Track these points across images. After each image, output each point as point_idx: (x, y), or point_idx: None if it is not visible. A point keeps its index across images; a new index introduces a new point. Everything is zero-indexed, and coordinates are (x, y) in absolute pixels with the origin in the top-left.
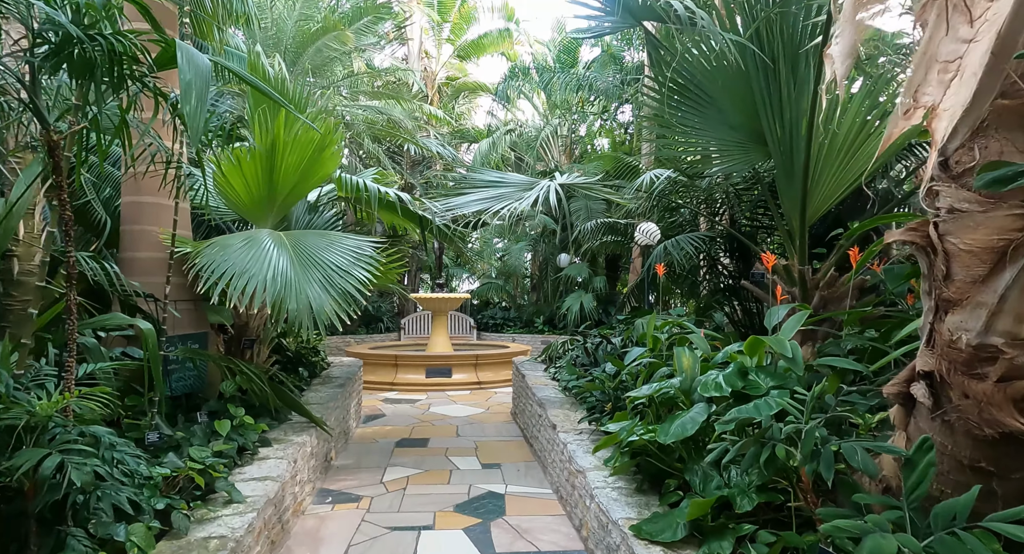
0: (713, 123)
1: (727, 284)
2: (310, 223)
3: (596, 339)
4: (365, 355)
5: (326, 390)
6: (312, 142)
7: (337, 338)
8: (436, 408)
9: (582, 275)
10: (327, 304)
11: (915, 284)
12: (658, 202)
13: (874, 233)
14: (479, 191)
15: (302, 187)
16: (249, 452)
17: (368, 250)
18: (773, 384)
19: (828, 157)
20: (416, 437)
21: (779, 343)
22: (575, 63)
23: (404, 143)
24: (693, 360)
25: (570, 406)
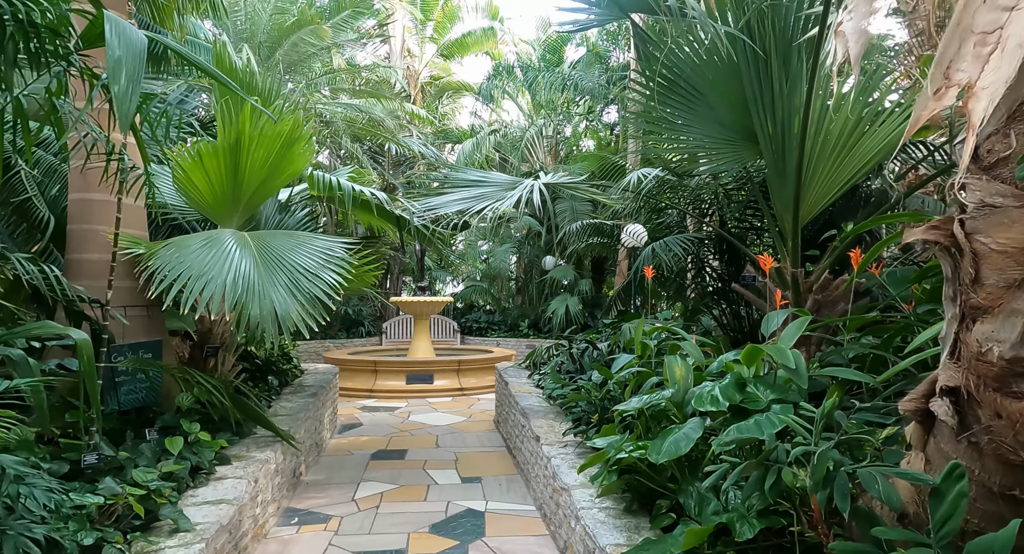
0: (702, 120)
1: (716, 287)
2: (281, 223)
3: (582, 344)
4: (343, 361)
5: (297, 400)
6: (279, 137)
7: (316, 343)
8: (416, 416)
9: (568, 278)
10: (293, 309)
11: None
12: (645, 203)
13: (868, 235)
14: (460, 191)
15: (270, 185)
16: (204, 472)
17: (339, 251)
18: (774, 397)
19: (821, 156)
20: (393, 448)
21: (780, 353)
22: (560, 62)
23: (385, 143)
24: (685, 370)
25: (555, 416)
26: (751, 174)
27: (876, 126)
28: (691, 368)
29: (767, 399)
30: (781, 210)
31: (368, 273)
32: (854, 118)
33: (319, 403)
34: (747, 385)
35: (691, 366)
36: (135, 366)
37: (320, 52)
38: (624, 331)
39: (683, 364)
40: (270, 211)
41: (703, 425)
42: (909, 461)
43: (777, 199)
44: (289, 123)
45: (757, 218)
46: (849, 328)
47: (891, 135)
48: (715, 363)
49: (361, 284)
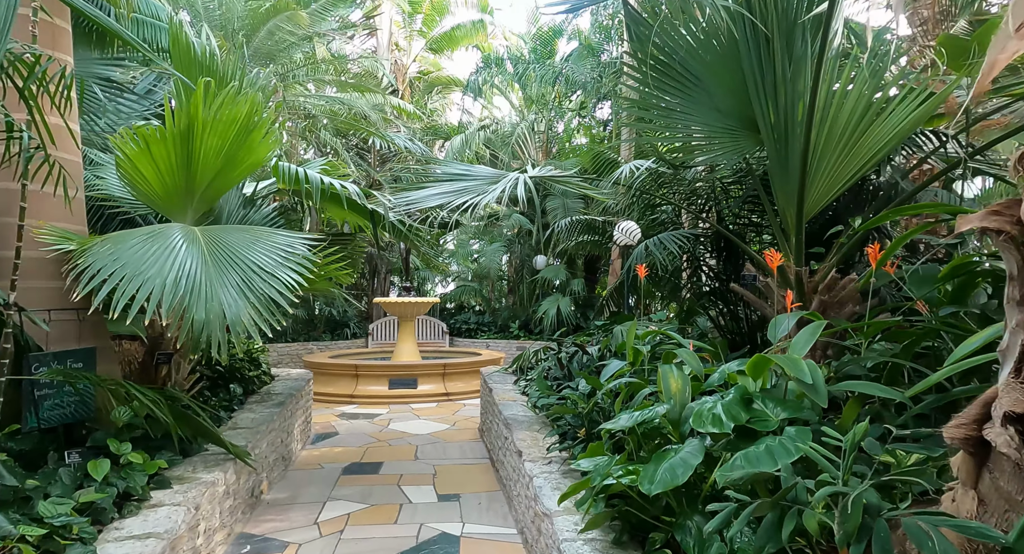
0: (700, 107)
1: (713, 287)
2: (245, 219)
3: (571, 348)
4: (323, 365)
5: (262, 410)
6: (235, 122)
7: (298, 345)
8: (397, 424)
9: (559, 277)
10: (245, 312)
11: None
12: (638, 198)
13: (876, 232)
14: (441, 185)
15: (229, 176)
16: (136, 499)
17: (300, 248)
18: (785, 415)
19: (827, 145)
20: (368, 461)
21: (793, 364)
22: (552, 55)
23: (370, 138)
24: (682, 382)
25: (540, 427)
26: (751, 166)
27: (887, 113)
28: (688, 380)
29: (777, 418)
30: (783, 204)
31: (341, 273)
32: (863, 104)
33: (287, 413)
34: (754, 401)
35: (688, 377)
36: (61, 377)
37: (301, 42)
38: (615, 334)
39: (679, 375)
40: (233, 206)
41: (703, 448)
42: (955, 498)
43: (779, 192)
44: (246, 106)
45: (756, 214)
46: (867, 333)
47: (904, 122)
48: (716, 374)
49: (326, 285)
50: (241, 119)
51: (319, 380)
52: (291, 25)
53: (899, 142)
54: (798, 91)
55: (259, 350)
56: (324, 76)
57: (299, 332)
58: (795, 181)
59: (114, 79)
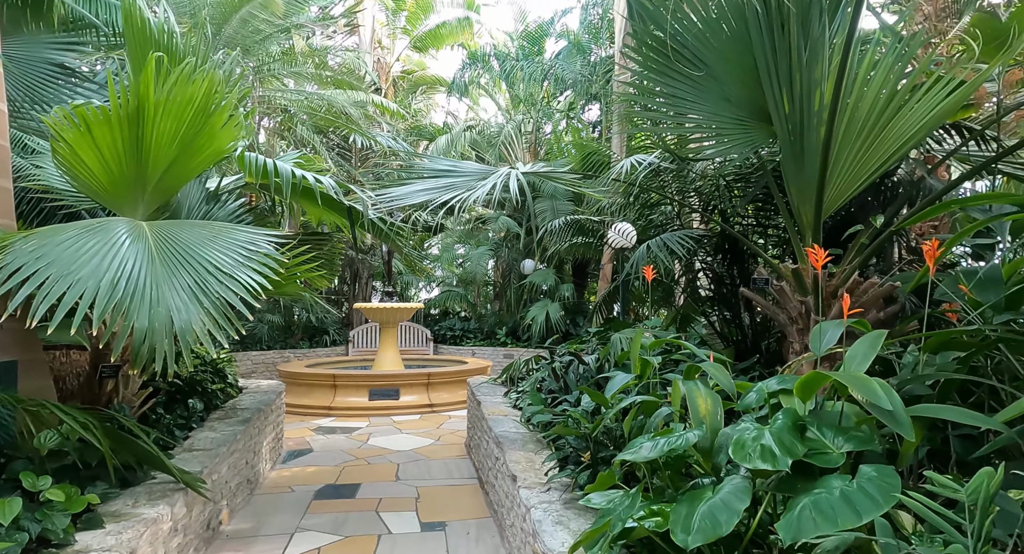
0: (707, 95)
1: (716, 291)
2: (208, 215)
3: (566, 357)
4: (299, 375)
5: (224, 429)
6: (191, 103)
7: (274, 353)
8: (377, 439)
9: (548, 282)
10: (196, 318)
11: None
12: (636, 197)
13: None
14: (426, 181)
15: (186, 166)
16: (55, 545)
17: (264, 246)
18: (850, 447)
19: (847, 137)
20: (344, 482)
21: (862, 385)
22: (540, 53)
23: (351, 134)
24: (713, 403)
25: (535, 446)
26: (763, 160)
27: (915, 101)
28: (719, 400)
29: (840, 450)
30: (798, 202)
31: (313, 274)
32: (888, 92)
33: (253, 430)
34: (807, 428)
35: (719, 398)
36: None
37: (277, 34)
38: (614, 342)
39: (707, 394)
40: (194, 201)
41: (749, 488)
42: None
43: (793, 189)
44: (203, 86)
45: (765, 212)
46: (928, 346)
47: (933, 112)
48: (752, 393)
49: (296, 288)
50: (198, 100)
51: (294, 391)
52: (266, 13)
53: (927, 134)
54: (815, 78)
55: (225, 360)
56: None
57: (275, 339)
58: (812, 176)
59: (69, 65)
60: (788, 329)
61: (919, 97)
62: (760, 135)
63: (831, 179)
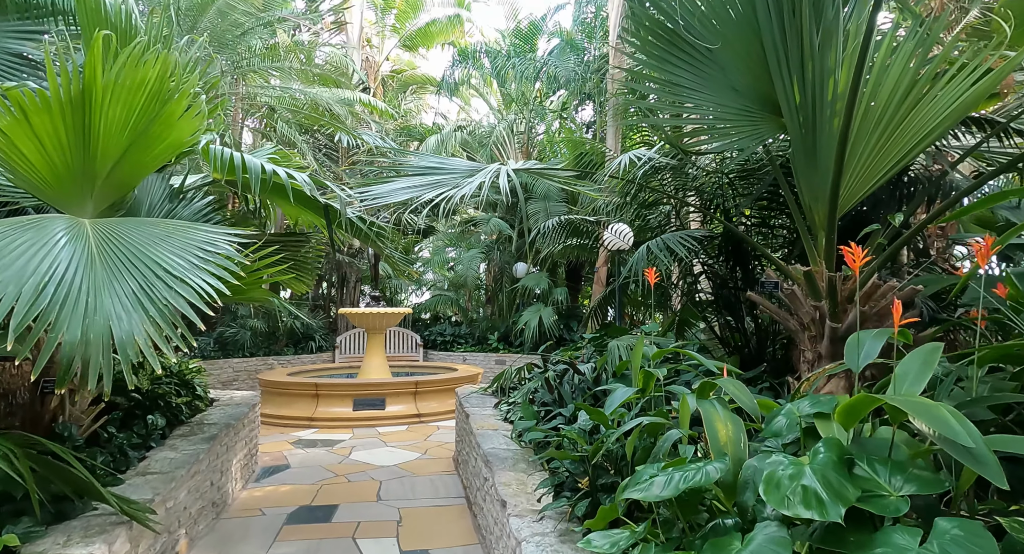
0: (712, 84)
1: (718, 295)
2: (172, 214)
3: (560, 366)
4: (280, 384)
5: (186, 447)
6: (143, 86)
7: (257, 360)
8: (360, 453)
9: (541, 286)
10: (140, 328)
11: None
12: (635, 195)
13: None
14: (411, 179)
15: (141, 158)
16: None
17: (224, 246)
18: (912, 489)
19: (863, 129)
20: (321, 503)
21: (930, 413)
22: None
23: (336, 133)
24: (735, 428)
25: (527, 466)
26: (772, 155)
27: (939, 89)
28: (741, 424)
29: (899, 494)
30: (810, 199)
31: (285, 277)
32: (907, 81)
33: (220, 448)
34: (855, 463)
35: (740, 421)
36: None
37: (258, 27)
38: (611, 350)
39: (727, 417)
40: (156, 198)
41: (789, 544)
42: None
43: (804, 185)
44: (156, 68)
45: (768, 213)
46: (984, 359)
47: (957, 102)
48: (781, 417)
49: (263, 294)
50: (151, 84)
51: (275, 401)
52: (245, 5)
53: (951, 125)
54: (828, 66)
55: (194, 370)
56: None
57: (259, 346)
58: (826, 171)
59: (31, 56)
60: (799, 336)
61: (942, 85)
62: (768, 127)
63: (847, 175)
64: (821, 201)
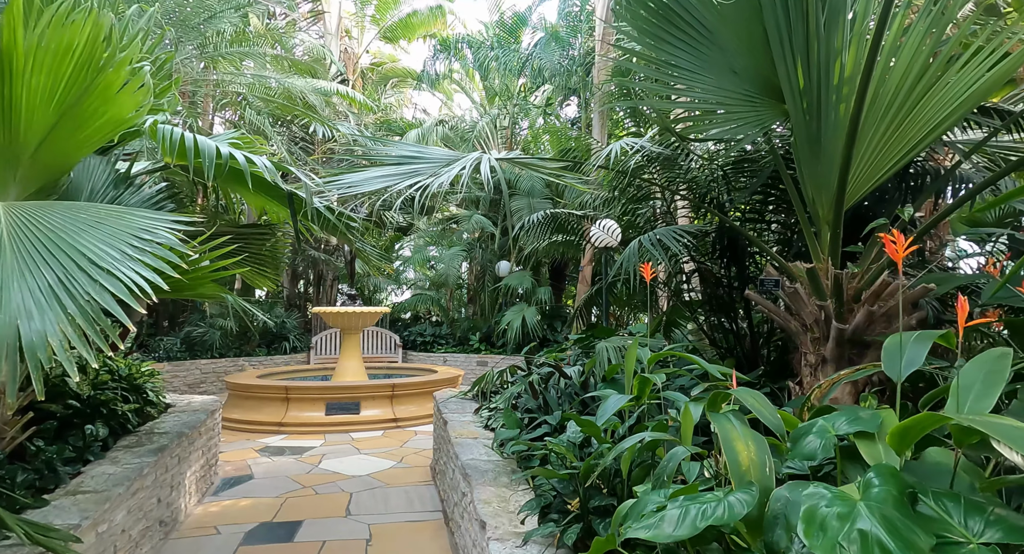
0: (710, 65)
1: (714, 294)
2: (117, 201)
3: (544, 369)
4: (248, 387)
5: (128, 460)
6: (71, 52)
7: (227, 361)
8: (330, 461)
9: (524, 285)
10: (56, 329)
11: None
12: (625, 188)
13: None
14: (387, 168)
15: (72, 135)
16: None
17: (164, 233)
18: (996, 535)
19: (871, 116)
20: (284, 519)
21: None
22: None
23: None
24: (758, 451)
25: (509, 480)
26: (773, 145)
27: (954, 74)
28: (766, 445)
29: (977, 539)
30: (813, 192)
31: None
32: (919, 65)
33: (170, 461)
34: (917, 498)
35: (764, 441)
36: None
37: (228, 12)
38: (599, 352)
39: (748, 436)
40: (99, 183)
41: None
42: None
43: (808, 176)
44: (85, 29)
45: (764, 207)
46: None
47: (973, 88)
48: (812, 437)
49: (214, 289)
50: (80, 49)
51: (243, 405)
52: None
53: (965, 113)
54: (834, 48)
55: (146, 374)
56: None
57: (229, 346)
58: (831, 162)
59: None
60: (800, 338)
61: (956, 70)
62: (770, 114)
63: (855, 164)
64: (826, 193)
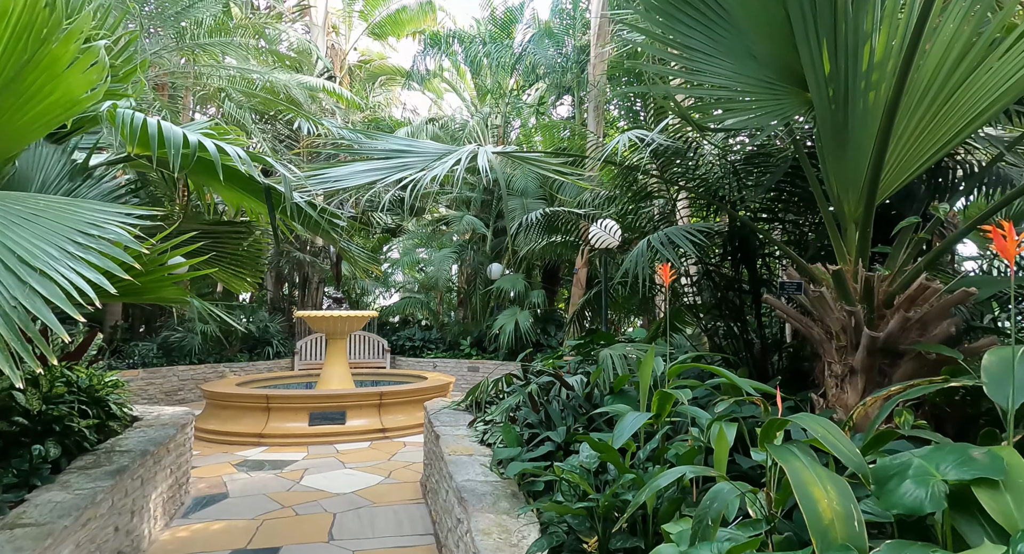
0: (728, 50)
1: (723, 297)
2: (73, 194)
3: (543, 378)
4: (226, 395)
5: (82, 485)
6: (7, 15)
7: (207, 367)
8: (313, 477)
9: (517, 288)
10: None
11: None
12: (630, 184)
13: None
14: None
15: (11, 115)
16: None
17: (114, 228)
18: None
19: (905, 105)
20: (259, 546)
21: None
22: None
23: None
24: (840, 498)
25: (510, 504)
26: (795, 137)
27: (995, 58)
28: (849, 492)
29: None
30: (839, 187)
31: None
32: (960, 47)
33: (132, 483)
34: None
35: (846, 485)
36: None
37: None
38: (604, 360)
39: (825, 477)
40: (52, 174)
41: None
42: None
43: (833, 170)
44: None
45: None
46: None
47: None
48: (908, 483)
49: (176, 293)
50: (17, 14)
51: (220, 415)
52: None
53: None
54: (863, 30)
55: (109, 385)
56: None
57: (209, 352)
58: (859, 154)
59: None
60: (824, 346)
61: (999, 55)
62: (792, 103)
63: (888, 157)
64: (853, 189)
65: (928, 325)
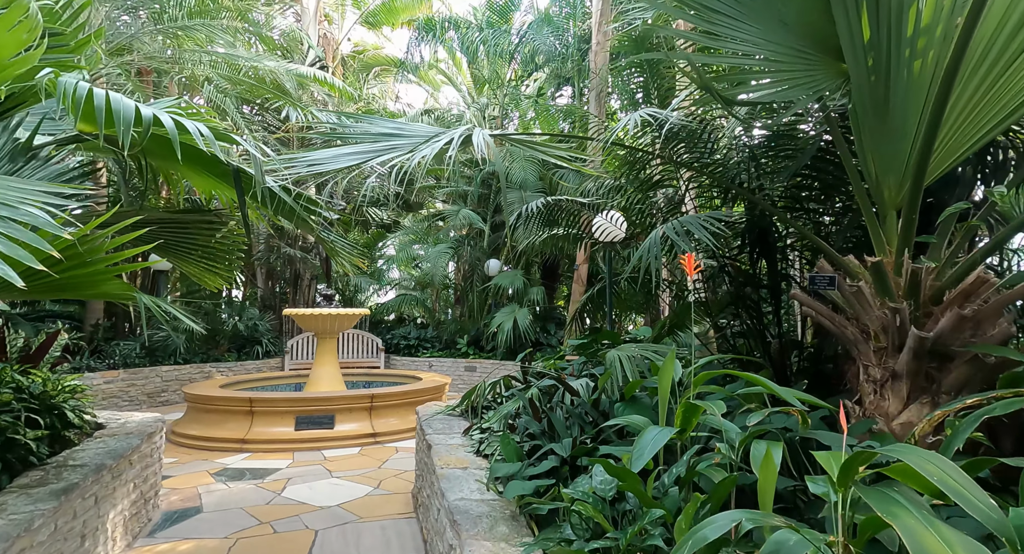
0: (756, 14)
1: (743, 293)
2: (16, 174)
3: (545, 381)
4: (208, 398)
5: (20, 507)
6: None
7: (192, 368)
8: (296, 487)
9: (515, 285)
10: None
11: None
12: (639, 170)
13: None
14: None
15: None
16: None
17: (31, 209)
18: None
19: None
20: None
21: None
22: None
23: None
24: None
25: (509, 529)
26: (827, 111)
27: None
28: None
29: None
30: (879, 169)
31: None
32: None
33: (84, 502)
34: None
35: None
36: None
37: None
38: (612, 363)
39: (950, 539)
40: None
41: None
42: None
43: (872, 151)
44: None
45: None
46: None
47: None
48: None
49: (118, 287)
50: None
51: (203, 419)
52: None
53: None
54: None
55: (67, 391)
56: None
57: (195, 351)
58: (902, 132)
59: None
60: (859, 347)
61: None
62: (825, 74)
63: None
64: (895, 171)
65: (982, 323)
